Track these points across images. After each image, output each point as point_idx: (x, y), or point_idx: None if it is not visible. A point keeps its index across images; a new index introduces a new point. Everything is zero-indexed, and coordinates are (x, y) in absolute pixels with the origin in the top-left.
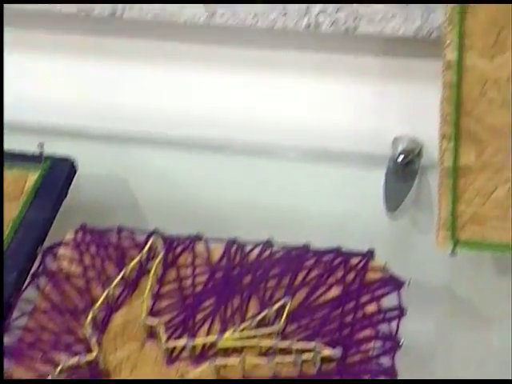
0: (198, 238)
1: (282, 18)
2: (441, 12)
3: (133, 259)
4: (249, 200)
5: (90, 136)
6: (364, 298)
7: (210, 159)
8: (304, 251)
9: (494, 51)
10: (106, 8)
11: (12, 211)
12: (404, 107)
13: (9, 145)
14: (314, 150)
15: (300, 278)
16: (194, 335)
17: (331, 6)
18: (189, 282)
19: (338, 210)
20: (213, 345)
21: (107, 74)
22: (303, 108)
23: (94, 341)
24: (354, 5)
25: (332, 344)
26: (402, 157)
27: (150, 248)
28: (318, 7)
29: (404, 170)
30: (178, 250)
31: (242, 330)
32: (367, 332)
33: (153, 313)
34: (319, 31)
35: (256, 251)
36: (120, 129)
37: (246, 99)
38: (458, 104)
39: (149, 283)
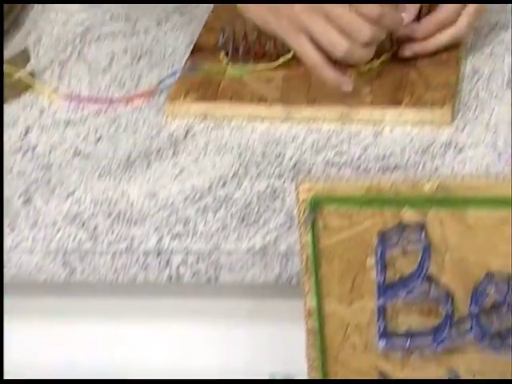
0: None
1: (142, 273)
2: (298, 260)
3: None
4: None
5: None
6: None
7: None
8: None
9: (351, 297)
10: None
11: None
12: (275, 346)
13: None
14: None
15: None
16: None
17: (191, 258)
18: None
19: None
20: None
21: None
22: (176, 354)
23: None
24: (214, 255)
25: None
26: None
27: None
28: (177, 259)
29: None
30: None
31: None
32: None
33: None
34: (181, 282)
35: None
36: None
37: (110, 349)
38: (323, 349)
39: None
